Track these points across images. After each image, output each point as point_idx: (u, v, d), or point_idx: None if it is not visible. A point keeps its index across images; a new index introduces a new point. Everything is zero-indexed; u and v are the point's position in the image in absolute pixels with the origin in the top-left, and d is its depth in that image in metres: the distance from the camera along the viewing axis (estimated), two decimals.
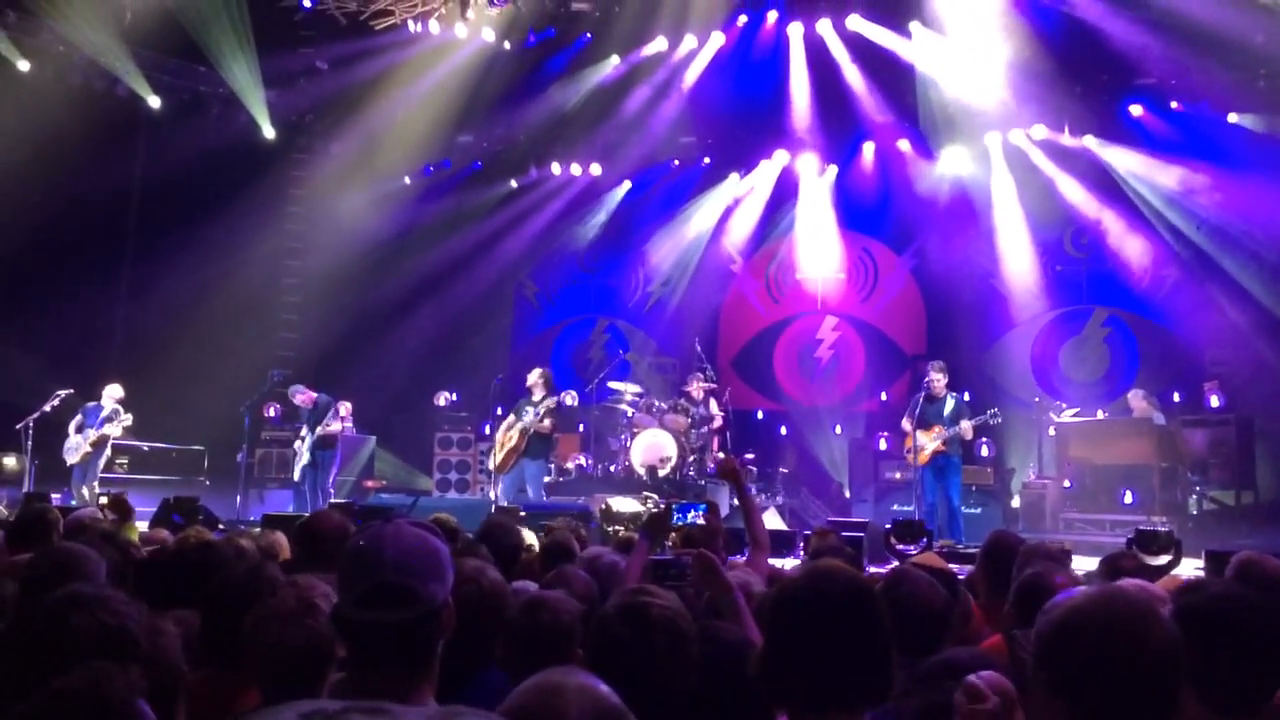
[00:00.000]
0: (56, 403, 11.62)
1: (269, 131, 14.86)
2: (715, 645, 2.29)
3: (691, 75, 14.76)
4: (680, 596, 2.49)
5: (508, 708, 1.60)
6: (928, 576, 3.30)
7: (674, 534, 4.42)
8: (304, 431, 12.28)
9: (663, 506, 3.84)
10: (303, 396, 12.31)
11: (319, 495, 11.86)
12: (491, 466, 12.41)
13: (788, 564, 6.62)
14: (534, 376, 12.10)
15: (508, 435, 11.90)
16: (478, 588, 2.67)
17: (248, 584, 2.64)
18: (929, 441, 10.84)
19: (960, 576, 5.85)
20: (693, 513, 3.94)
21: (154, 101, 14.06)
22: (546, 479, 13.50)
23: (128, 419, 11.76)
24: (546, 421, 11.80)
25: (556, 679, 1.64)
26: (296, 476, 12.34)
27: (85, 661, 1.88)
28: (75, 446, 11.68)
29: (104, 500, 5.89)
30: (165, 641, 2.73)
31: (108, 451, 11.94)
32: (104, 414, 11.73)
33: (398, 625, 1.82)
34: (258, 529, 6.33)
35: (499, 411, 12.58)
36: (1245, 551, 4.42)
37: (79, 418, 11.77)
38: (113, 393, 11.88)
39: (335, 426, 12.16)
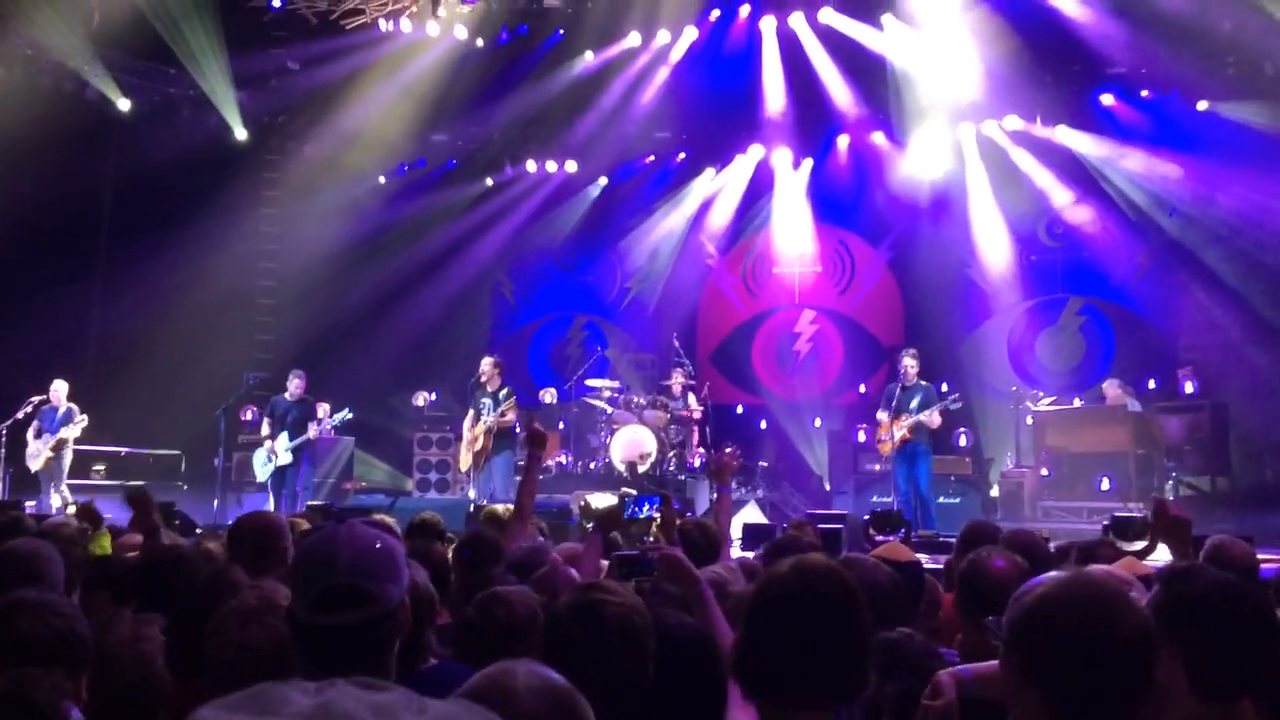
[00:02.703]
0: (29, 409, 11.50)
1: (241, 133, 14.73)
2: (665, 635, 2.27)
3: (665, 70, 14.75)
4: (642, 591, 2.48)
5: (462, 693, 1.59)
6: (874, 559, 3.32)
7: (653, 530, 4.42)
8: (265, 429, 11.87)
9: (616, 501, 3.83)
10: (298, 383, 11.94)
11: (287, 498, 11.58)
12: (462, 468, 12.25)
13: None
14: (485, 366, 11.70)
15: (474, 436, 11.72)
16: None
17: (210, 589, 2.60)
18: (898, 430, 10.90)
19: (939, 566, 5.89)
20: (646, 506, 3.91)
21: (124, 104, 13.92)
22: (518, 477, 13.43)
23: (83, 419, 11.56)
24: (509, 415, 11.53)
25: (508, 664, 1.64)
26: (262, 476, 11.91)
27: (30, 666, 1.86)
28: (36, 453, 11.48)
29: (72, 510, 5.84)
30: (148, 647, 2.71)
31: (69, 453, 11.70)
32: (59, 416, 11.57)
33: (353, 627, 1.80)
34: None
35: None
36: (1217, 536, 4.48)
37: (36, 423, 11.56)
38: (60, 389, 11.63)
39: (313, 431, 11.84)
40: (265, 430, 11.92)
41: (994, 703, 2.29)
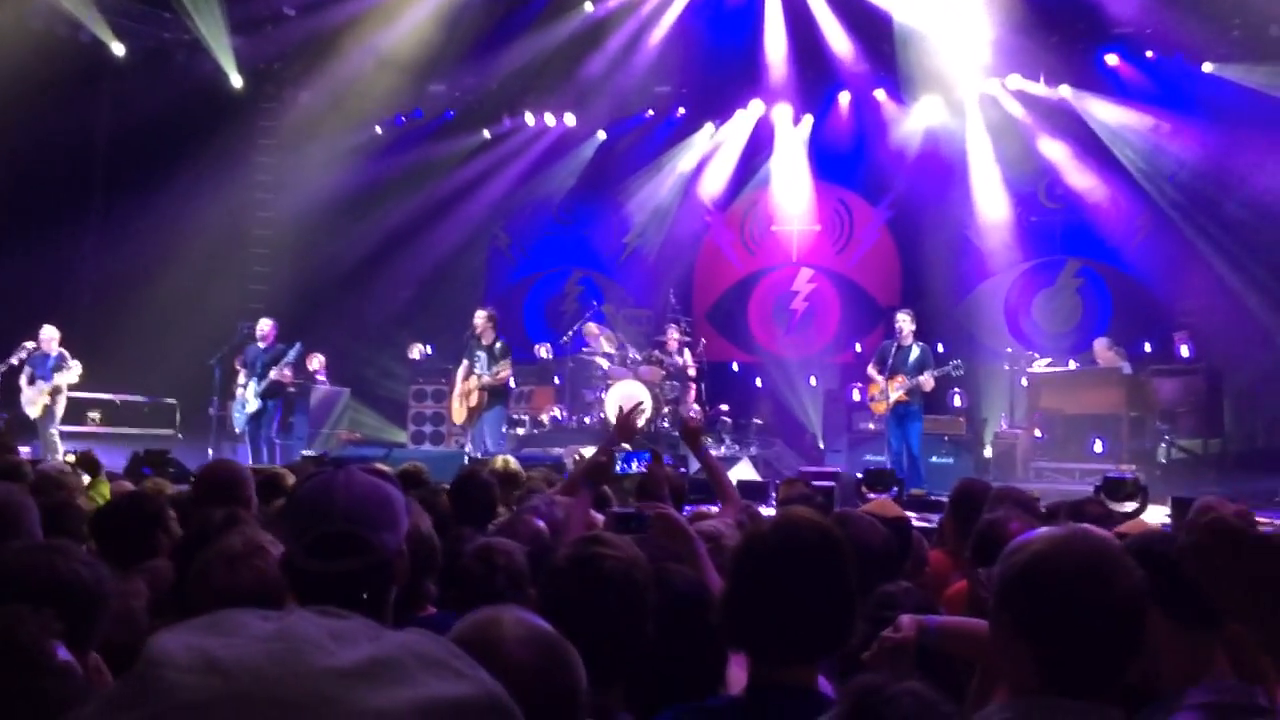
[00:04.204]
0: (24, 355, 11.45)
1: (236, 80, 14.55)
2: (667, 590, 2.27)
3: (666, 23, 14.57)
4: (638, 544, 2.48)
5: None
6: (868, 517, 3.32)
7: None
8: (242, 378, 11.78)
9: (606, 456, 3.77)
10: (268, 332, 11.88)
11: (265, 447, 11.59)
12: (456, 421, 12.24)
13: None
14: (479, 319, 11.62)
15: (467, 389, 11.68)
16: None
17: (198, 534, 2.60)
18: (893, 390, 10.91)
19: (930, 524, 5.92)
20: (635, 461, 3.90)
21: (118, 48, 13.75)
22: (520, 430, 13.49)
23: (76, 364, 11.44)
24: (503, 373, 11.47)
25: (493, 612, 1.63)
26: (239, 426, 11.84)
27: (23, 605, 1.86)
28: (31, 400, 11.45)
29: (71, 458, 5.83)
30: (135, 604, 2.72)
31: (63, 400, 11.60)
32: (51, 361, 11.51)
33: (348, 574, 1.78)
34: None
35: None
36: (1205, 497, 4.50)
37: (28, 370, 11.48)
38: (51, 335, 11.53)
39: (287, 374, 11.74)
40: (241, 379, 11.91)
41: (949, 657, 2.32)
